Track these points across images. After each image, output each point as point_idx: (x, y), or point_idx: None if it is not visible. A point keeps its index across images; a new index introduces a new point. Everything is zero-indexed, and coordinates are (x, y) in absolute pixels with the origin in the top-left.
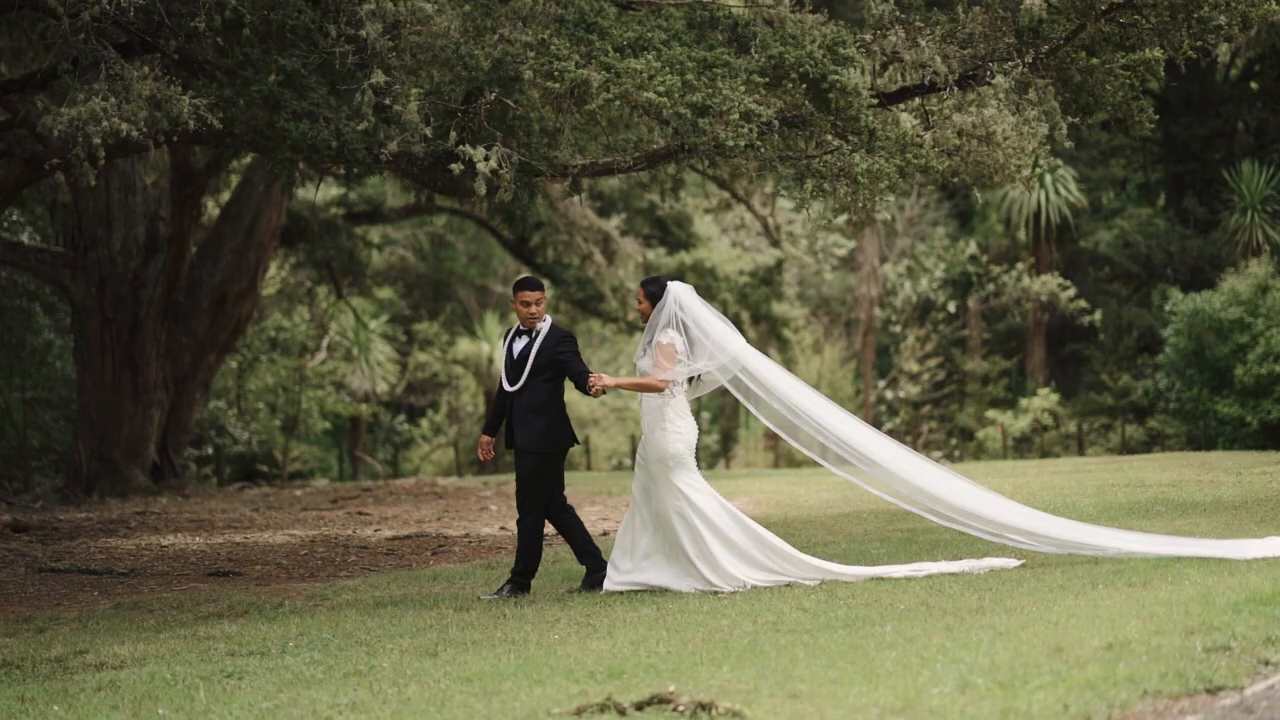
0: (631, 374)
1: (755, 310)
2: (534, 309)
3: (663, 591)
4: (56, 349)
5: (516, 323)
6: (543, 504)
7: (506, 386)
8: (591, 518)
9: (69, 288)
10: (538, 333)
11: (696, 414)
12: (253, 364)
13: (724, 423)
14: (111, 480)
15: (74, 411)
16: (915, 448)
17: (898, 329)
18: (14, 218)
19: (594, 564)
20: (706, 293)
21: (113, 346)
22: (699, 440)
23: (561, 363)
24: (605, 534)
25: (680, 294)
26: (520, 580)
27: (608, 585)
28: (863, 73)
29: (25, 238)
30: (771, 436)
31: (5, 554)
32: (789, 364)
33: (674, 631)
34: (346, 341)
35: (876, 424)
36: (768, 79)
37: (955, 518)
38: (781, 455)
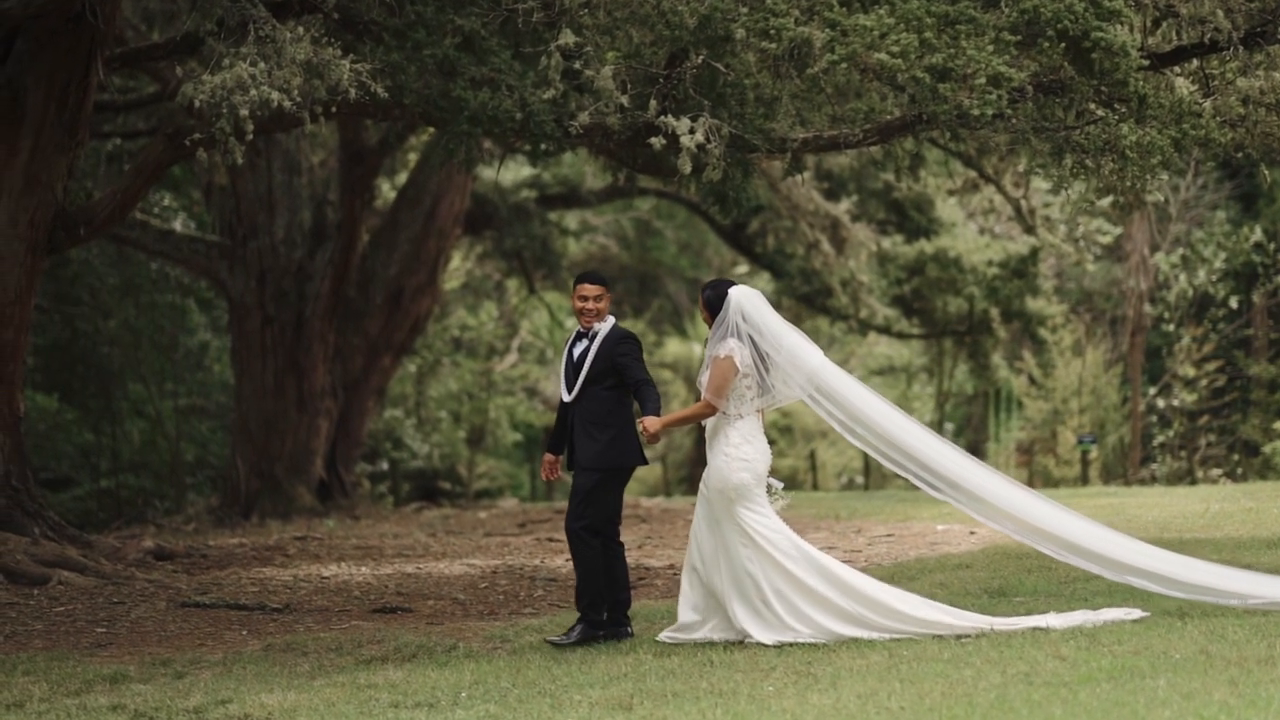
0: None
1: (1006, 306)
2: (591, 305)
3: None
4: (213, 351)
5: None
6: (603, 524)
7: (564, 396)
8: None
9: (226, 282)
10: (595, 334)
11: (938, 424)
12: (434, 367)
13: (970, 435)
14: (273, 499)
15: (232, 421)
16: (1190, 463)
17: (1171, 328)
18: (165, 203)
19: (599, 617)
20: (950, 286)
21: (275, 348)
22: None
23: (621, 366)
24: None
25: (742, 301)
26: (619, 617)
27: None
28: (1131, 30)
29: (178, 225)
30: (1025, 451)
31: (145, 586)
32: (1045, 368)
33: (909, 683)
34: (540, 342)
35: (1147, 436)
36: (1020, 37)
37: (1069, 555)
38: (1036, 473)
